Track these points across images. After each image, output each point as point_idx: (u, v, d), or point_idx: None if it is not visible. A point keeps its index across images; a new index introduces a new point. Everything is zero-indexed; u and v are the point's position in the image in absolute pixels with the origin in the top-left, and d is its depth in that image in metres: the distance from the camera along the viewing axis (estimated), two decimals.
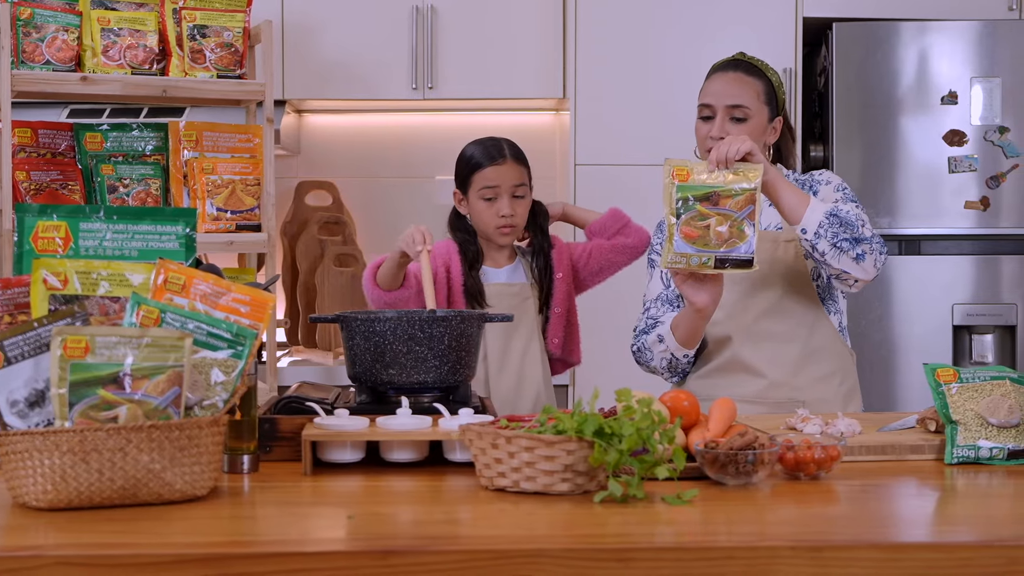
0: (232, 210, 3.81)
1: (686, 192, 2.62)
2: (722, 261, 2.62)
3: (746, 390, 2.88)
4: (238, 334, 2.05)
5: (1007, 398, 2.39)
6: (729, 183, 2.63)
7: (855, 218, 2.71)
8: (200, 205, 3.77)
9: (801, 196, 2.72)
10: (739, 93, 2.88)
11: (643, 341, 2.95)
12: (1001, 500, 2.15)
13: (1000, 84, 4.16)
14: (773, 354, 2.89)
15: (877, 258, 2.73)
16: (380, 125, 4.78)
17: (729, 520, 1.94)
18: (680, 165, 2.64)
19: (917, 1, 4.26)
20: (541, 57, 4.42)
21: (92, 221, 2.14)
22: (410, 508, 2.05)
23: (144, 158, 3.87)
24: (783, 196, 2.71)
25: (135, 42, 3.83)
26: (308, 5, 4.40)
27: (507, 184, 3.11)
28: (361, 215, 4.75)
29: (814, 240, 2.70)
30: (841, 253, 2.70)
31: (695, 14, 4.26)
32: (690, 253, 2.62)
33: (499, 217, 3.10)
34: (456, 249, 3.14)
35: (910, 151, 4.16)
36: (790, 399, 2.84)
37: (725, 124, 2.86)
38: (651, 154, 4.25)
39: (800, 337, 2.90)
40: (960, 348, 4.19)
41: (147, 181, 3.82)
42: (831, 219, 2.69)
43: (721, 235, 2.61)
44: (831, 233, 2.69)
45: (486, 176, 3.12)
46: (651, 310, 3.00)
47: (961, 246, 4.19)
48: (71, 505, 1.93)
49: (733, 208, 2.62)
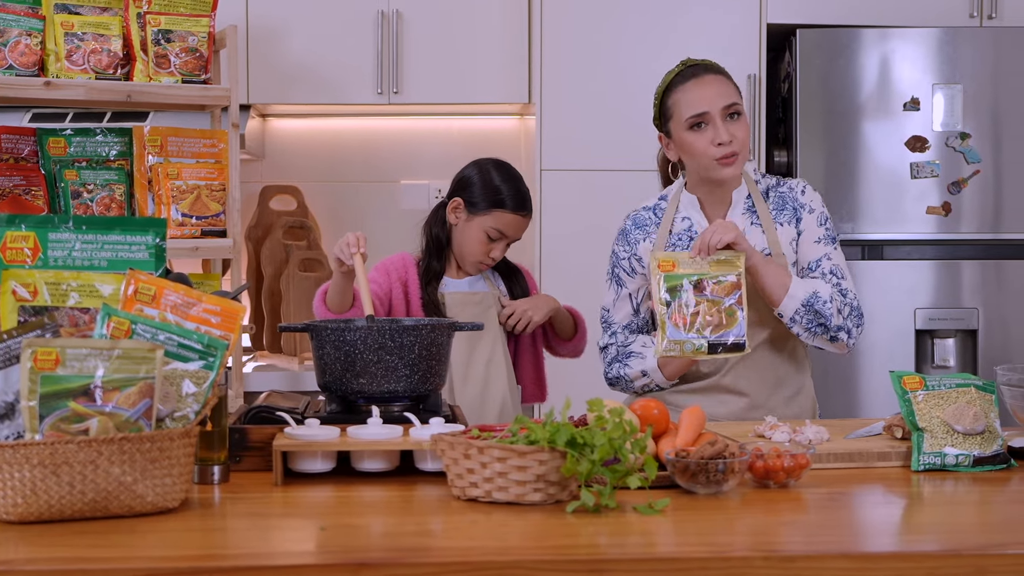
0: (197, 216, 3.79)
1: (674, 282, 2.67)
2: (715, 346, 2.68)
3: (727, 409, 2.89)
4: (209, 345, 2.04)
5: (972, 405, 2.41)
6: (713, 271, 2.68)
7: (829, 306, 2.78)
8: (165, 211, 3.75)
9: (781, 280, 2.78)
10: (728, 91, 2.85)
11: (622, 372, 2.92)
12: (967, 508, 2.17)
13: (961, 91, 4.19)
14: (759, 376, 2.90)
15: (852, 337, 2.84)
16: (344, 129, 4.77)
17: (700, 530, 1.95)
18: (665, 257, 2.69)
19: (879, 8, 4.29)
20: (506, 62, 4.43)
21: (61, 231, 2.13)
22: (382, 519, 2.05)
23: (108, 163, 3.85)
24: (765, 282, 2.77)
25: (99, 47, 3.80)
26: (273, 9, 4.38)
27: (514, 235, 3.15)
28: (326, 220, 4.74)
29: (790, 324, 2.81)
30: (815, 336, 2.83)
31: (660, 20, 4.27)
32: (683, 340, 2.67)
33: (489, 257, 3.12)
34: (413, 262, 3.13)
35: (873, 157, 4.20)
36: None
37: (726, 126, 2.82)
38: (618, 159, 4.27)
39: (781, 359, 2.92)
40: (922, 352, 4.23)
41: (111, 186, 3.79)
42: (807, 309, 2.78)
43: (711, 322, 2.67)
44: (806, 321, 2.79)
45: (505, 220, 3.12)
46: (618, 335, 2.97)
47: (923, 251, 4.23)
48: (41, 519, 1.92)
49: (720, 294, 2.68)
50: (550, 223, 4.26)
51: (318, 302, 2.93)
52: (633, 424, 2.07)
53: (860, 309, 2.85)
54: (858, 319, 2.83)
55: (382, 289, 3.03)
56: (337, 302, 2.89)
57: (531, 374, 3.21)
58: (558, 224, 4.26)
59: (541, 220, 4.24)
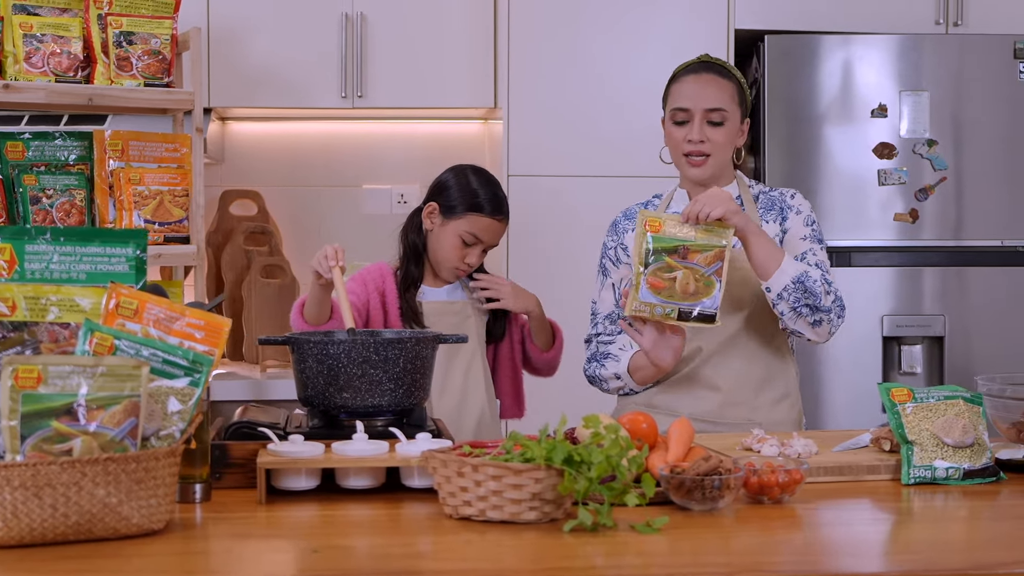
0: (160, 222, 3.71)
1: (657, 244, 2.65)
2: (686, 313, 2.65)
3: (704, 407, 2.86)
4: (195, 361, 1.98)
5: (961, 418, 2.40)
6: (699, 238, 2.65)
7: (819, 286, 2.74)
8: (127, 217, 3.67)
9: (773, 253, 2.73)
10: (716, 95, 2.84)
11: (598, 372, 2.93)
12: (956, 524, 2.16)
13: (928, 98, 4.20)
14: (737, 373, 2.87)
15: (834, 324, 2.79)
16: (306, 133, 4.70)
17: (695, 550, 1.92)
18: (653, 217, 2.67)
19: (847, 15, 4.29)
20: (472, 66, 4.38)
21: (38, 243, 2.06)
22: (372, 539, 2.00)
23: (67, 168, 3.76)
24: (756, 250, 2.72)
25: (59, 48, 3.72)
26: (235, 11, 4.30)
27: (491, 240, 3.09)
28: (287, 225, 4.67)
29: (776, 300, 2.75)
30: (799, 317, 2.76)
31: (628, 25, 4.24)
32: (654, 303, 2.64)
33: (464, 263, 3.07)
34: (390, 271, 3.07)
35: (841, 163, 4.19)
36: (748, 420, 2.83)
37: (703, 128, 2.83)
38: (584, 165, 4.24)
39: (763, 358, 2.89)
40: (889, 359, 4.23)
41: (71, 192, 3.71)
42: (797, 285, 2.72)
43: (687, 288, 2.64)
44: (793, 298, 2.73)
45: (480, 224, 3.07)
46: (599, 326, 2.96)
47: (891, 258, 4.23)
48: (23, 542, 1.85)
49: (701, 263, 2.65)
50: (517, 229, 4.21)
51: (295, 315, 2.87)
52: (628, 440, 2.03)
53: (843, 301, 2.81)
54: (841, 310, 2.79)
55: (360, 299, 2.98)
56: (315, 314, 2.83)
57: (510, 389, 3.17)
58: (525, 230, 4.21)
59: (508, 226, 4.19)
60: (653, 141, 4.18)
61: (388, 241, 3.20)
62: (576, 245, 4.18)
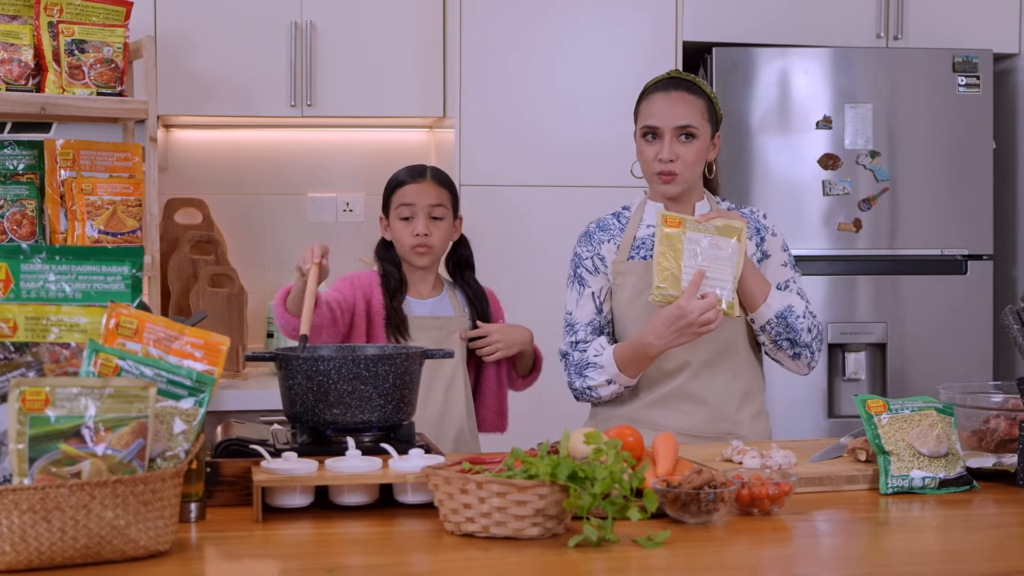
0: (113, 232, 3.68)
1: (673, 238, 2.73)
2: None
3: (690, 421, 2.89)
4: (199, 381, 1.97)
5: (934, 428, 2.47)
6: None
7: (801, 322, 2.85)
8: (80, 227, 3.63)
9: (762, 287, 2.85)
10: (685, 113, 2.86)
11: (587, 384, 2.90)
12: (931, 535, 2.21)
13: (871, 109, 4.29)
14: (722, 388, 2.91)
15: (812, 360, 2.93)
16: (251, 140, 4.67)
17: (693, 565, 1.95)
18: (673, 215, 2.75)
19: (793, 28, 4.36)
20: (422, 75, 4.39)
21: (34, 262, 2.03)
22: (375, 558, 2.00)
23: (17, 177, 3.71)
24: (747, 282, 2.82)
25: (9, 56, 3.66)
26: (183, 19, 4.25)
27: (424, 203, 3.08)
28: (232, 233, 4.63)
29: (759, 332, 2.88)
30: (779, 350, 2.91)
31: (579, 36, 4.27)
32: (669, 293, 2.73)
33: (414, 236, 3.07)
34: (378, 280, 3.08)
35: (786, 173, 4.26)
36: (730, 433, 2.87)
37: (673, 144, 2.86)
38: (536, 175, 4.26)
39: (746, 373, 2.94)
40: (834, 366, 4.31)
41: (22, 202, 3.66)
42: (779, 320, 2.85)
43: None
44: (775, 332, 2.86)
45: (405, 193, 3.10)
46: (580, 333, 2.94)
47: (835, 266, 4.31)
48: (31, 566, 1.82)
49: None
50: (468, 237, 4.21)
51: (278, 304, 2.85)
52: (631, 456, 2.06)
53: (822, 336, 2.91)
54: (819, 344, 2.89)
55: (346, 300, 2.99)
56: (297, 306, 2.83)
57: (493, 404, 3.17)
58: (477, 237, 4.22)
59: None
60: (605, 150, 4.25)
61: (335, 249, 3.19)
62: (527, 253, 4.21)
